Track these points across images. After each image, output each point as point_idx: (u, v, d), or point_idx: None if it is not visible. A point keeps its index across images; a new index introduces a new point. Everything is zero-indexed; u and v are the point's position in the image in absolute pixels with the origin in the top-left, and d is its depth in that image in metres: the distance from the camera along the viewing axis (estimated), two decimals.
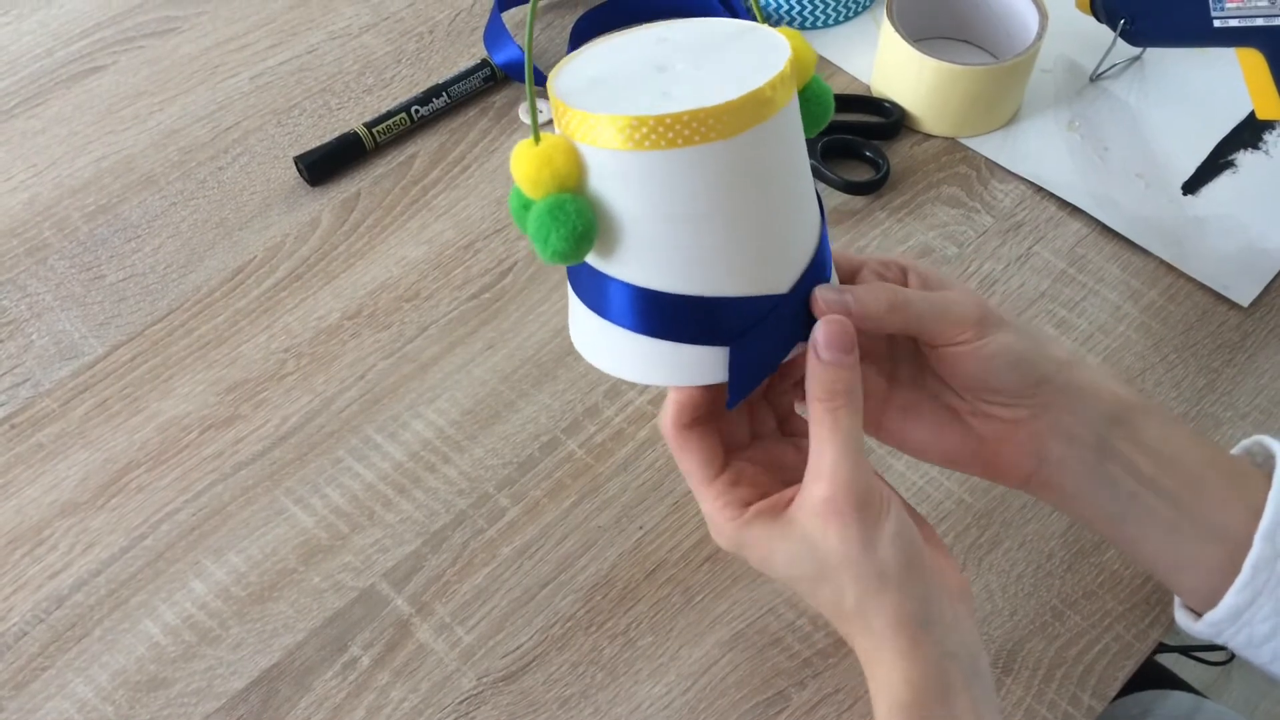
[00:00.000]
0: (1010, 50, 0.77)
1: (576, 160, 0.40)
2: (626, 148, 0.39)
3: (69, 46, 0.82)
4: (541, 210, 0.40)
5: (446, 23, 0.83)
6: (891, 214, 0.73)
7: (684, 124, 0.38)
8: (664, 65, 0.42)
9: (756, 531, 0.45)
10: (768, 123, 0.40)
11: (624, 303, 0.42)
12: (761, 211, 0.41)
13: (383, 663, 0.57)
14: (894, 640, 0.43)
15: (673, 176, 0.39)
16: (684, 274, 0.41)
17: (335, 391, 0.66)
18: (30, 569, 0.60)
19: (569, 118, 0.40)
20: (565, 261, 0.41)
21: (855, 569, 0.43)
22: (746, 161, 0.40)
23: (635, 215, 0.40)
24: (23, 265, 0.71)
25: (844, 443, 0.43)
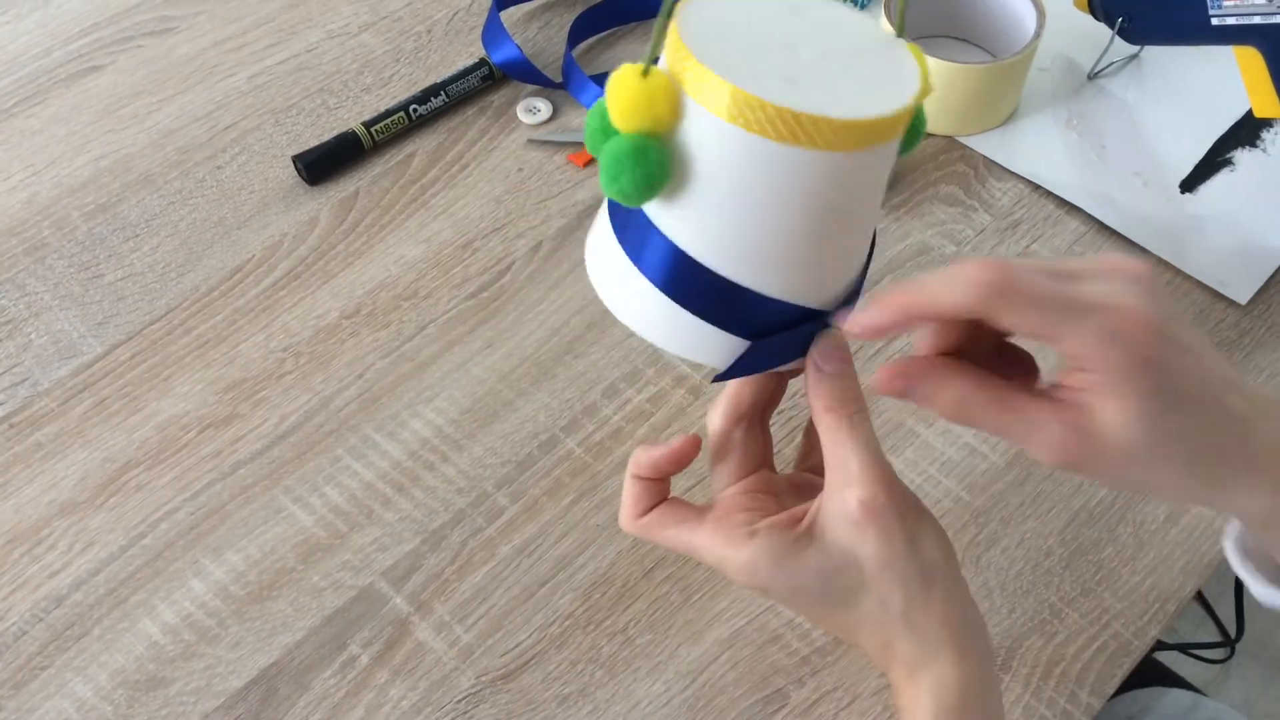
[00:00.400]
0: (1008, 49, 0.77)
1: (678, 110, 0.38)
2: (736, 122, 0.37)
3: (67, 46, 0.82)
4: (624, 147, 0.38)
5: (445, 22, 0.83)
6: (890, 212, 0.73)
7: (801, 124, 0.37)
8: (793, 44, 0.40)
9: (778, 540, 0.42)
10: (873, 149, 0.39)
11: (662, 261, 0.41)
12: (832, 229, 0.40)
13: (382, 661, 0.57)
14: (946, 641, 0.42)
15: (766, 168, 0.38)
16: (733, 257, 0.40)
17: (334, 390, 0.66)
18: (29, 568, 0.60)
19: (688, 65, 0.38)
20: (626, 203, 0.39)
21: (901, 570, 0.41)
22: (840, 179, 0.39)
23: (712, 186, 0.39)
24: (21, 264, 0.71)
25: (867, 446, 0.42)
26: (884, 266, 0.71)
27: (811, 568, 0.42)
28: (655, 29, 0.39)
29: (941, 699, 0.42)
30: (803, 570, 0.42)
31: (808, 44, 0.40)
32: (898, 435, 0.64)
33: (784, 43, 0.40)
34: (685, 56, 0.37)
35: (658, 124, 0.38)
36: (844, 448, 0.42)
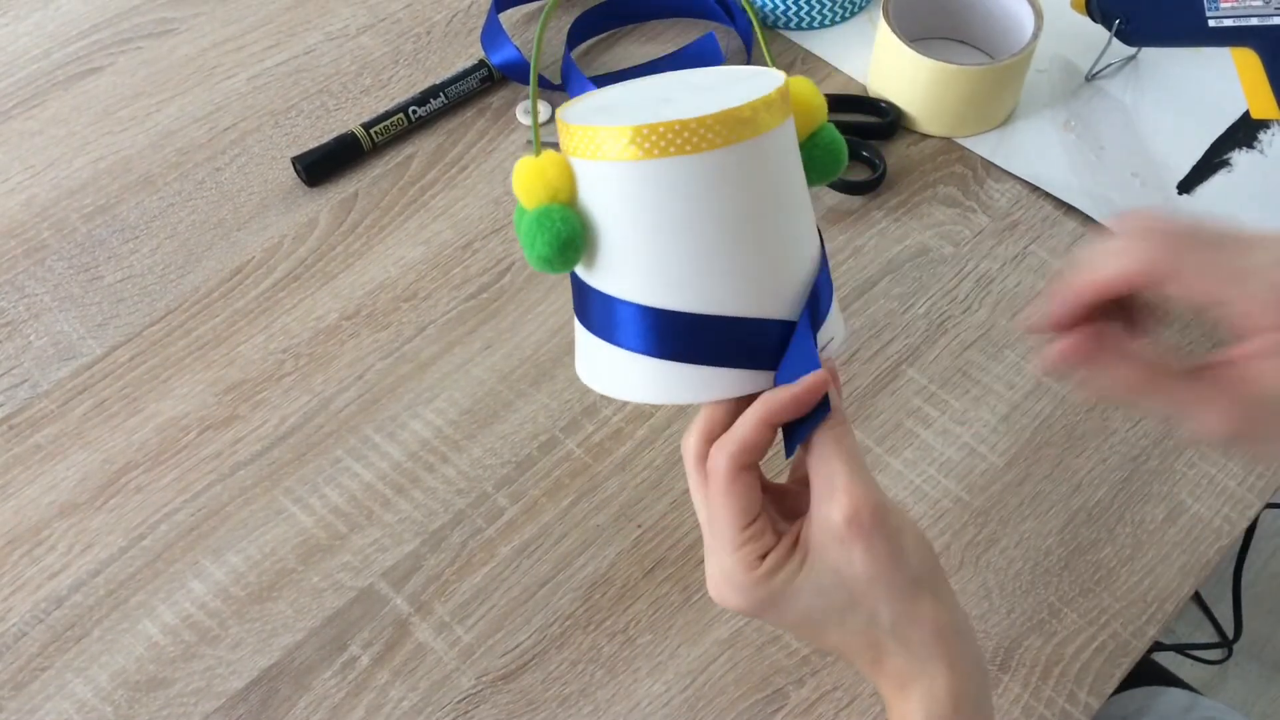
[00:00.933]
0: (1006, 50, 0.77)
1: (568, 172, 0.42)
2: (622, 157, 0.40)
3: (66, 48, 0.82)
4: (530, 218, 0.42)
5: (444, 23, 0.84)
6: (888, 213, 0.73)
7: (675, 132, 0.40)
8: (669, 98, 0.44)
9: (781, 577, 0.42)
10: (760, 138, 0.41)
11: (614, 318, 0.43)
12: (758, 230, 0.42)
13: (382, 662, 0.57)
14: (936, 651, 0.42)
15: (664, 183, 0.41)
16: (674, 288, 0.42)
17: (334, 392, 0.66)
18: (29, 570, 0.60)
19: (570, 135, 0.42)
20: (550, 268, 0.42)
21: (887, 584, 0.41)
22: (741, 174, 0.41)
23: (631, 225, 0.42)
24: (21, 266, 0.71)
25: (850, 461, 0.42)
26: (883, 267, 0.71)
27: (805, 593, 0.42)
28: (528, 105, 0.43)
29: (932, 710, 0.42)
30: (798, 597, 0.42)
31: (684, 94, 0.44)
32: (897, 436, 0.64)
33: (660, 100, 0.44)
34: (566, 129, 0.42)
35: (556, 191, 0.42)
36: (829, 464, 0.42)
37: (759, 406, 0.42)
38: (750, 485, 0.42)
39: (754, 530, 0.42)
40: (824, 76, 0.80)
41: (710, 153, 0.40)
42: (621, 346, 0.43)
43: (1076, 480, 0.63)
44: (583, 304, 0.45)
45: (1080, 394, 0.39)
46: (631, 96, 0.46)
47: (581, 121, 0.42)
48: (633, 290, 0.42)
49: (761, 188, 0.42)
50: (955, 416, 0.65)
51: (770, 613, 0.43)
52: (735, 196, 0.41)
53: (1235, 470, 0.63)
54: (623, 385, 0.44)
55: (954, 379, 0.66)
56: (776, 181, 0.42)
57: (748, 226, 0.42)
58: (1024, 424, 0.65)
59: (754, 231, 0.42)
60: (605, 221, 0.42)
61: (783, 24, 0.83)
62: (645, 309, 0.42)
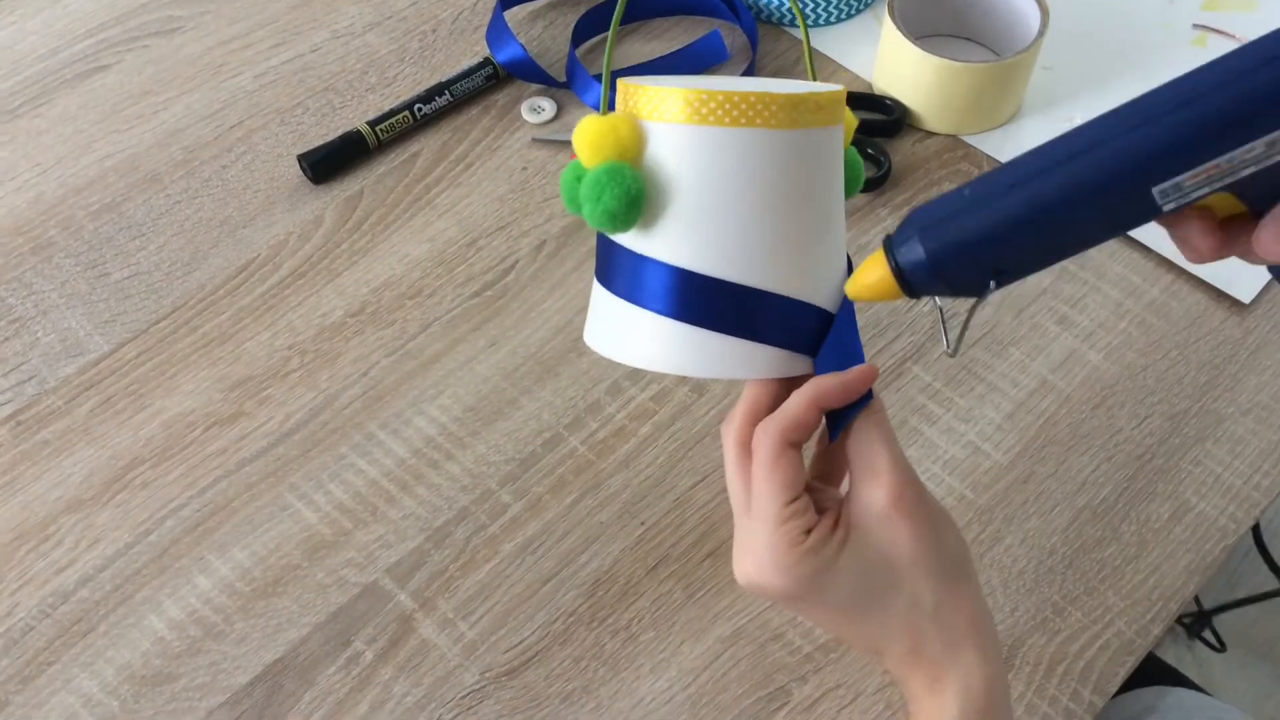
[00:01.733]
0: (1012, 47, 0.77)
1: (639, 132, 0.42)
2: (691, 121, 0.41)
3: (73, 46, 0.82)
4: (599, 171, 0.41)
5: (449, 21, 0.84)
6: (893, 211, 0.73)
7: (750, 104, 0.40)
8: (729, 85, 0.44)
9: (826, 553, 0.41)
10: (819, 130, 0.42)
11: (663, 285, 0.42)
12: (805, 217, 0.42)
13: (386, 658, 0.57)
14: (972, 639, 0.42)
15: (729, 153, 0.41)
16: (726, 257, 0.42)
17: (339, 388, 0.66)
18: (36, 564, 0.60)
19: (636, 95, 0.42)
20: (613, 224, 0.41)
21: (928, 566, 0.41)
22: (798, 159, 0.41)
23: (688, 194, 0.42)
24: (28, 263, 0.72)
25: (892, 445, 0.42)
26: None
27: (849, 572, 0.41)
28: (603, 85, 0.43)
29: (967, 702, 0.41)
30: (841, 576, 0.41)
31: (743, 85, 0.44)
32: (902, 433, 0.64)
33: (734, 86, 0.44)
34: (633, 90, 0.42)
35: (626, 148, 0.42)
36: (872, 448, 0.42)
37: (810, 389, 0.42)
38: (796, 462, 0.42)
39: (798, 506, 0.41)
40: (830, 74, 0.80)
41: (781, 131, 0.40)
42: (661, 313, 0.42)
43: (1081, 478, 0.63)
44: (622, 270, 0.44)
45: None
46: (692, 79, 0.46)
47: (649, 80, 0.43)
48: (682, 256, 0.42)
49: (814, 177, 0.42)
50: (960, 414, 0.65)
51: (812, 594, 0.42)
52: (792, 178, 0.42)
53: (1241, 468, 0.63)
54: (642, 353, 0.43)
55: (959, 377, 0.66)
56: (827, 176, 0.43)
57: (801, 210, 0.42)
58: (1028, 422, 0.65)
59: (805, 216, 0.42)
60: (665, 185, 0.42)
61: (789, 21, 0.82)
62: (682, 271, 0.42)
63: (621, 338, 0.44)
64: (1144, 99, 0.36)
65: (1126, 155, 0.35)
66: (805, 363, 0.43)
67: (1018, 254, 0.38)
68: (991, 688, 0.42)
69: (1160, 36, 0.82)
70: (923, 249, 0.38)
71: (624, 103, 0.43)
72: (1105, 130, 0.36)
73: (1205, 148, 0.34)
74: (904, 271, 0.39)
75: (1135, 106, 0.36)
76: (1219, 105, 0.34)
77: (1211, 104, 0.34)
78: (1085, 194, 0.36)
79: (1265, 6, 0.83)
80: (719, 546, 0.60)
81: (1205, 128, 0.34)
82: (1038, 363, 0.67)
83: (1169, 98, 0.35)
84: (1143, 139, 0.35)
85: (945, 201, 0.39)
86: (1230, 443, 0.64)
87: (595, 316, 0.46)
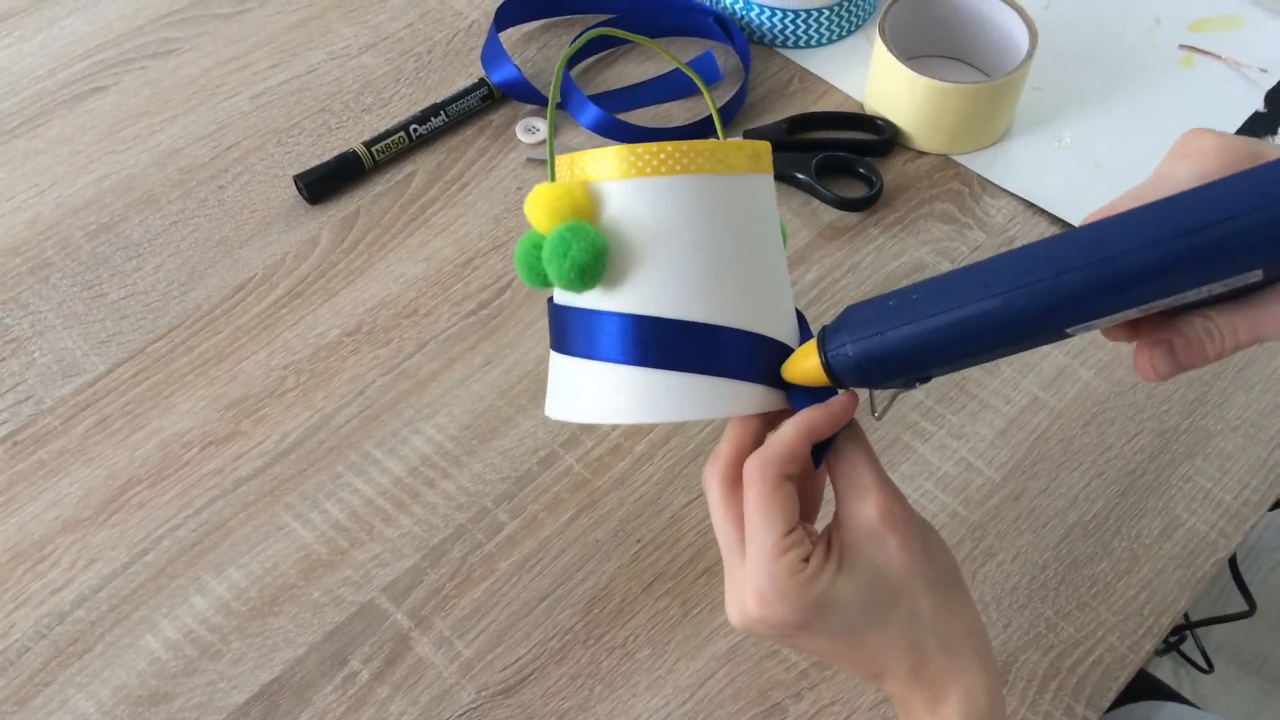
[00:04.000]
0: (1001, 68, 0.78)
1: (589, 198, 0.43)
2: (630, 175, 0.43)
3: (70, 67, 0.83)
4: (561, 230, 0.42)
5: (445, 43, 0.84)
6: (885, 230, 0.74)
7: (682, 153, 0.42)
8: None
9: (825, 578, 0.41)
10: (751, 177, 0.44)
11: (620, 334, 0.43)
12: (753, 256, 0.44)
13: (382, 676, 0.57)
14: (971, 649, 0.42)
15: (671, 199, 0.43)
16: (679, 297, 0.43)
17: (335, 407, 0.66)
18: (32, 585, 0.60)
19: (578, 163, 0.44)
20: (581, 279, 0.42)
21: (924, 577, 0.42)
22: (737, 200, 0.44)
23: (639, 239, 0.43)
24: (25, 284, 0.72)
25: (875, 463, 0.43)
26: (880, 283, 0.71)
27: (848, 592, 0.41)
28: (548, 152, 0.45)
29: (971, 712, 0.42)
30: (842, 598, 0.41)
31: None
32: (894, 451, 0.65)
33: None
34: (574, 160, 0.44)
35: (580, 211, 0.43)
36: (856, 468, 0.43)
37: (800, 420, 0.42)
38: (792, 494, 0.42)
39: (795, 537, 0.42)
40: (821, 94, 0.81)
41: (717, 176, 0.43)
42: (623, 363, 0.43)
43: (1073, 495, 0.63)
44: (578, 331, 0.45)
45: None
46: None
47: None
48: (636, 304, 0.43)
49: (754, 218, 0.44)
50: (952, 431, 0.65)
51: (816, 621, 0.42)
52: (734, 218, 0.43)
53: (1230, 484, 0.63)
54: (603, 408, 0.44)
55: (951, 394, 0.67)
56: (766, 220, 0.45)
57: (747, 249, 0.44)
58: (1020, 439, 0.65)
59: (752, 255, 0.44)
60: (617, 240, 0.43)
61: (780, 43, 0.83)
62: (641, 318, 0.43)
63: (588, 397, 0.44)
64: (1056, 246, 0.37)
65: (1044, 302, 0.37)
66: (779, 397, 0.44)
67: (938, 366, 0.40)
68: (993, 696, 0.42)
69: (1148, 57, 0.83)
70: (851, 354, 0.41)
71: (569, 173, 0.44)
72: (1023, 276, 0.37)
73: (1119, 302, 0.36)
74: (833, 369, 0.42)
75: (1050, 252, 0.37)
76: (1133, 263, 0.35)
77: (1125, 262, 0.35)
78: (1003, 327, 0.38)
79: (1251, 26, 0.84)
80: (714, 564, 0.61)
81: (1120, 282, 0.35)
82: (1029, 380, 0.67)
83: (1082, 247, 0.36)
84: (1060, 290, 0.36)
85: (876, 309, 0.41)
86: (1220, 459, 0.64)
87: (555, 387, 0.46)
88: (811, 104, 0.81)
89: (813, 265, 0.72)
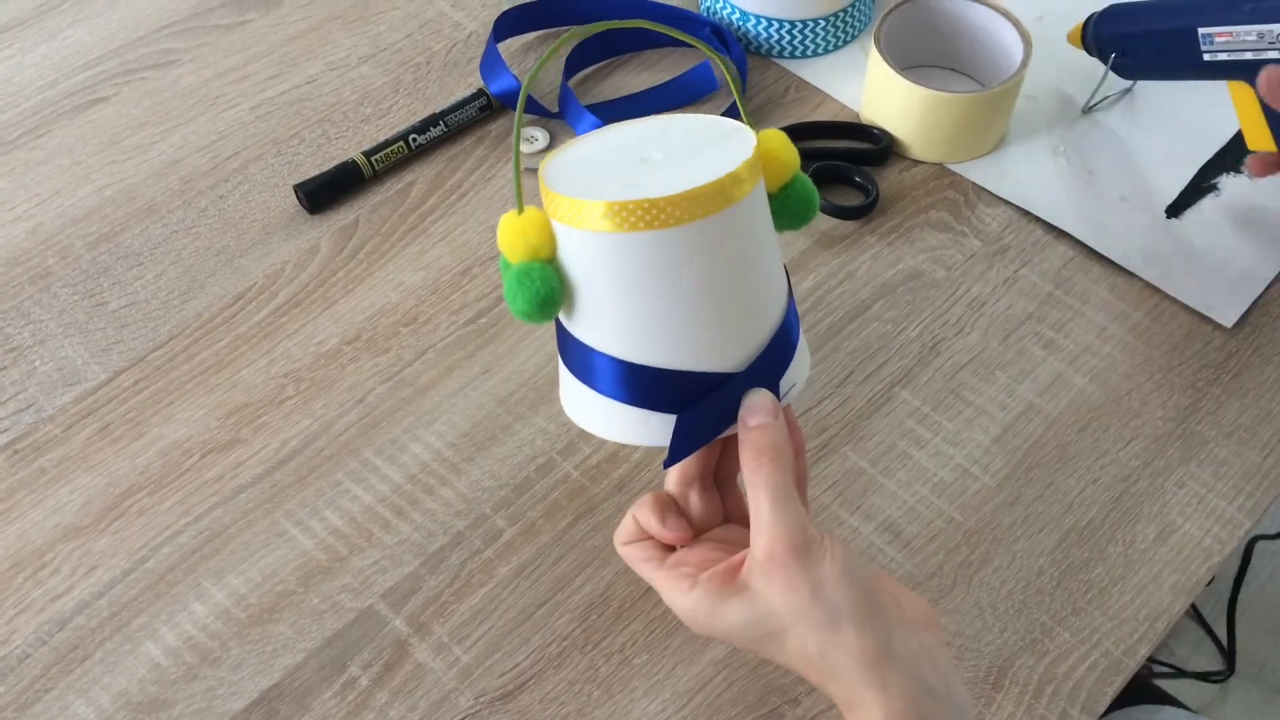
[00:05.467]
0: (996, 78, 0.78)
1: (549, 234, 0.45)
2: (599, 229, 0.43)
3: (71, 78, 0.83)
4: (512, 275, 0.45)
5: (443, 53, 0.85)
6: (881, 238, 0.74)
7: (646, 209, 0.42)
8: (646, 157, 0.47)
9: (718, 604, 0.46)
10: (722, 213, 0.43)
11: (593, 366, 0.46)
12: (714, 297, 0.45)
13: (381, 682, 0.58)
14: (864, 678, 0.44)
15: (636, 254, 0.43)
16: (644, 345, 0.45)
17: (334, 415, 0.67)
18: (33, 592, 0.61)
19: (551, 200, 0.45)
20: (530, 320, 0.45)
21: (805, 616, 0.44)
22: (700, 246, 0.44)
23: (605, 288, 0.45)
24: (26, 293, 0.72)
25: (772, 496, 0.45)
26: (876, 291, 0.72)
27: (739, 616, 0.45)
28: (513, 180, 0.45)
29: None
30: (732, 619, 0.45)
31: (659, 153, 0.46)
32: (890, 457, 0.65)
33: (637, 156, 0.46)
34: (550, 196, 0.44)
35: (537, 250, 0.45)
36: (757, 500, 0.45)
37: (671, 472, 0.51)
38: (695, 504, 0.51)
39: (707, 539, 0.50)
40: (818, 104, 0.82)
41: (680, 227, 0.43)
42: (598, 391, 0.46)
43: (1068, 500, 0.63)
44: (564, 346, 0.48)
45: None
46: (610, 149, 0.48)
47: (561, 177, 0.45)
48: (606, 342, 0.45)
49: (728, 255, 0.45)
50: (948, 438, 0.66)
51: (705, 628, 0.47)
52: (703, 265, 0.44)
53: (1225, 490, 0.64)
54: (601, 424, 0.47)
55: (946, 401, 0.67)
56: (744, 247, 0.45)
57: (712, 293, 0.45)
58: (1016, 445, 0.65)
59: (718, 298, 0.45)
60: (582, 280, 0.45)
61: (777, 53, 0.84)
62: (617, 361, 0.45)
63: (586, 412, 0.48)
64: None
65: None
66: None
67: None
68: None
69: None
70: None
71: (545, 203, 0.45)
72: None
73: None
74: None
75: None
76: None
77: None
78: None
79: None
80: None
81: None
82: (1024, 386, 0.68)
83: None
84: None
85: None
86: (1214, 464, 0.65)
87: (564, 386, 0.50)
88: (808, 113, 0.81)
89: (809, 273, 0.73)
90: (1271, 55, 0.65)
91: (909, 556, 0.61)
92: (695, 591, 0.46)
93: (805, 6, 0.82)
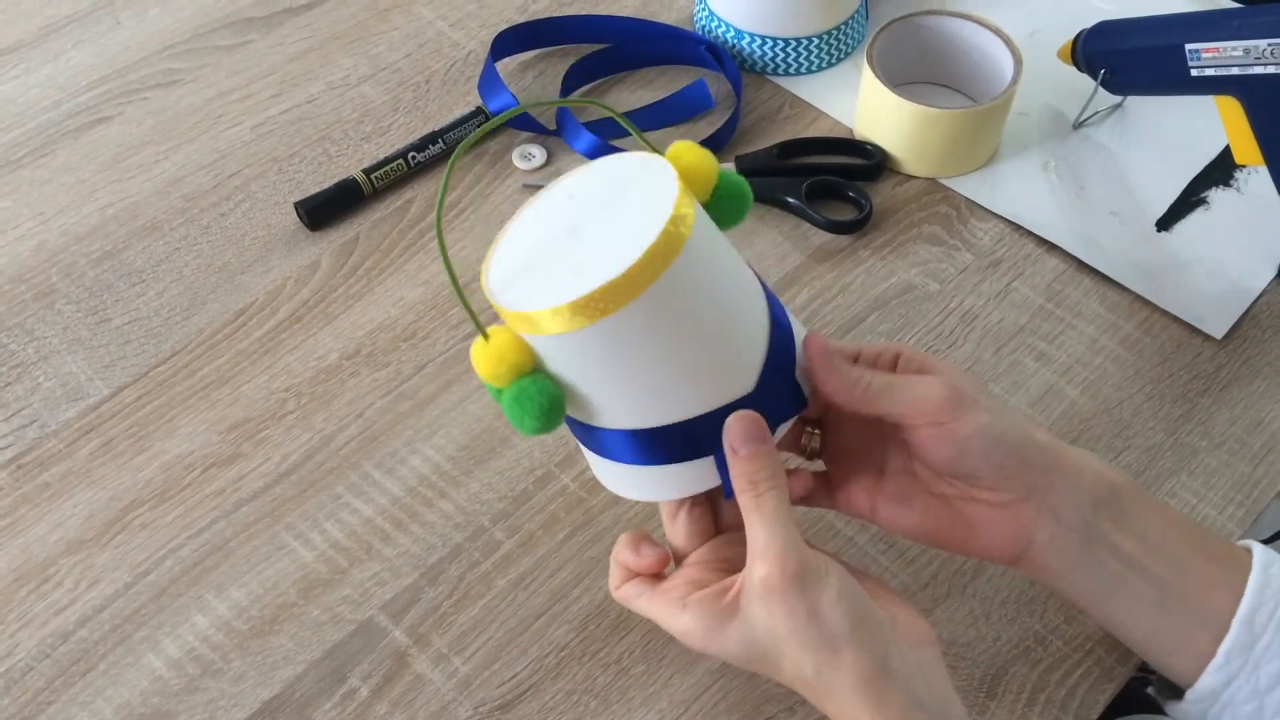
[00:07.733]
0: (987, 94, 0.79)
1: (525, 349, 0.45)
2: (560, 331, 0.43)
3: (75, 98, 0.85)
4: (509, 398, 0.45)
5: (442, 72, 0.86)
6: (874, 252, 0.75)
7: (597, 299, 0.42)
8: (575, 228, 0.46)
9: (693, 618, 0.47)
10: (680, 257, 0.43)
11: (614, 444, 0.48)
12: (707, 331, 0.45)
13: (381, 693, 0.58)
14: (861, 698, 0.44)
15: (604, 341, 0.44)
16: (654, 409, 0.46)
17: (334, 429, 0.67)
18: (36, 605, 0.61)
19: (514, 319, 0.45)
20: (545, 432, 0.46)
21: (803, 639, 0.45)
22: (675, 294, 0.44)
23: (589, 378, 0.46)
24: (30, 310, 0.73)
25: (771, 522, 0.46)
26: (870, 304, 0.73)
27: (734, 638, 0.46)
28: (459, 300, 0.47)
29: None
30: (728, 640, 0.47)
31: (587, 220, 0.46)
32: None
33: (568, 231, 0.46)
34: (511, 316, 0.45)
35: (520, 368, 0.45)
36: (753, 526, 0.46)
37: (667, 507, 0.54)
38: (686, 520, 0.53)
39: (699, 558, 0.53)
40: (811, 120, 0.83)
41: (648, 292, 0.43)
42: (635, 465, 0.48)
43: None
44: (581, 435, 0.50)
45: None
46: (537, 237, 0.47)
47: (509, 288, 0.45)
48: (621, 420, 0.47)
49: (703, 287, 0.45)
50: None
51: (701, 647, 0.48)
52: (683, 310, 0.44)
53: (1216, 500, 0.64)
54: (652, 489, 0.50)
55: None
56: (712, 270, 0.46)
57: (704, 329, 0.45)
58: None
59: (710, 330, 0.45)
60: (574, 377, 0.46)
61: (771, 70, 0.85)
62: (638, 432, 0.46)
63: (628, 484, 0.51)
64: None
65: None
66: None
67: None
68: None
69: None
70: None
71: (506, 319, 0.46)
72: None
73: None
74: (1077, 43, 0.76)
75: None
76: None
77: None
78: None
79: None
80: None
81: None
82: (1017, 398, 0.68)
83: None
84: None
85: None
86: (1204, 475, 0.65)
87: (595, 466, 0.52)
88: (802, 130, 0.82)
89: (803, 287, 0.73)
90: (1257, 70, 0.66)
91: (904, 566, 0.62)
92: (686, 614, 0.47)
93: (799, 25, 0.83)
